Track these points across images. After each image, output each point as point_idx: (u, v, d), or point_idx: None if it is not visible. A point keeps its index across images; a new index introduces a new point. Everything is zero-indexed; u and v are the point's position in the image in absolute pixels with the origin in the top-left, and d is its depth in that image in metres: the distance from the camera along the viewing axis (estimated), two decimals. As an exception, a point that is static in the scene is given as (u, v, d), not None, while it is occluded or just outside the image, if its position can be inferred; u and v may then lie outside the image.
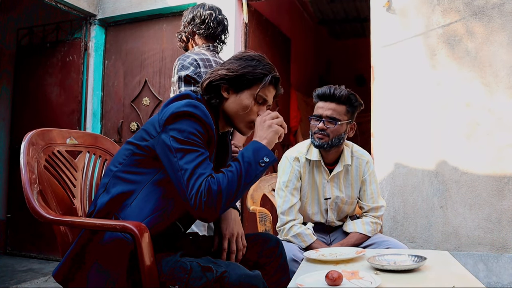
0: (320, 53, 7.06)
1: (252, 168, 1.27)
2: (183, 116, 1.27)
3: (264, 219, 2.13)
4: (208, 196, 1.20)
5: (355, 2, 5.90)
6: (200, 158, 1.25)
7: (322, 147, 1.91)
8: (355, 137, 2.13)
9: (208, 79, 1.40)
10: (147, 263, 1.18)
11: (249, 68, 1.38)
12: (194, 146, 1.26)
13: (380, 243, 1.92)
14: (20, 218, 4.06)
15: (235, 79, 1.38)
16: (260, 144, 1.31)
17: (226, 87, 1.40)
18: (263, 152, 1.30)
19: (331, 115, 1.89)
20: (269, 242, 1.53)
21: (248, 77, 1.38)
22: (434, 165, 2.93)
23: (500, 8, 2.84)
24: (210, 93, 1.41)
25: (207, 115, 1.30)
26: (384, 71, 3.10)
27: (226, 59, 1.48)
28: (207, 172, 1.23)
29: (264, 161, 1.28)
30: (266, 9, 4.24)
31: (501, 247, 2.76)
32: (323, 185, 1.99)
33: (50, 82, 4.10)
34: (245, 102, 1.39)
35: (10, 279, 3.35)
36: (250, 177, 1.26)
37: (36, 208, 1.27)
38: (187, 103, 1.29)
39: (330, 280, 1.21)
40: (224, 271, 1.22)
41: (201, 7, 2.29)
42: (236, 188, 1.24)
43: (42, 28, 4.21)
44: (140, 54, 3.90)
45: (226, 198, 1.23)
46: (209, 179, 1.22)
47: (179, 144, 1.25)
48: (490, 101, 2.84)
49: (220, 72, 1.39)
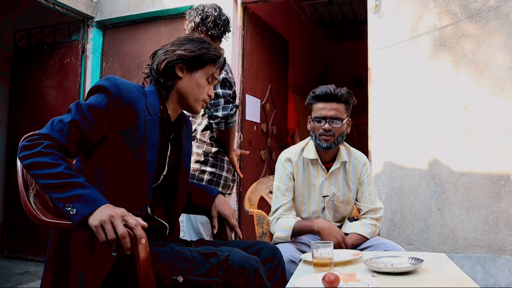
0: (317, 55, 7.07)
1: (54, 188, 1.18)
2: (93, 92, 1.36)
3: (262, 221, 2.13)
4: (19, 151, 1.23)
5: (352, 4, 5.92)
6: (65, 119, 1.27)
7: (331, 148, 1.93)
8: (352, 140, 2.14)
9: (164, 60, 1.42)
10: (143, 255, 1.19)
11: (204, 49, 1.45)
12: (75, 109, 1.29)
13: (378, 245, 1.92)
14: (16, 221, 4.05)
15: (192, 59, 1.44)
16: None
17: (180, 66, 1.44)
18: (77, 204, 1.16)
19: (335, 115, 1.90)
20: (267, 252, 1.52)
21: (204, 58, 1.45)
22: (431, 167, 2.93)
23: (496, 11, 2.86)
24: (165, 74, 1.44)
25: (116, 87, 1.32)
26: (381, 73, 3.11)
27: (170, 42, 1.50)
28: (45, 132, 1.25)
29: (66, 208, 1.15)
30: (264, 11, 4.24)
31: (498, 249, 2.76)
32: (321, 183, 2.00)
33: (47, 84, 4.10)
34: (200, 81, 1.47)
35: (6, 282, 3.34)
36: (45, 179, 1.18)
37: (33, 211, 1.27)
38: (102, 78, 1.38)
39: (327, 282, 1.21)
40: (228, 255, 1.25)
41: (208, 8, 2.23)
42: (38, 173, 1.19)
43: (40, 30, 4.21)
44: (137, 57, 3.90)
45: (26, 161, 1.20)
46: (37, 137, 1.23)
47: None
48: (487, 103, 2.85)
49: (177, 52, 1.42)
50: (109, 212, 1.15)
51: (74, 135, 1.26)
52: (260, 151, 4.00)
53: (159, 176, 1.46)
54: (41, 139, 1.23)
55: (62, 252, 1.31)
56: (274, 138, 4.29)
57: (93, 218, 1.14)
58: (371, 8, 3.14)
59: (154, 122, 1.38)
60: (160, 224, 1.47)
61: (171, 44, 1.47)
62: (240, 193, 3.57)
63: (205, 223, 2.13)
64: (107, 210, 1.15)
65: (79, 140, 1.28)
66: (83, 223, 1.15)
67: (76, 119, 1.27)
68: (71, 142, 1.26)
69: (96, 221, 1.13)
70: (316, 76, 7.01)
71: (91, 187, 1.20)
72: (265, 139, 4.12)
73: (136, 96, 1.37)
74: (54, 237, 1.34)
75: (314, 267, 1.45)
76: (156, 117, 1.39)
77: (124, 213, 1.17)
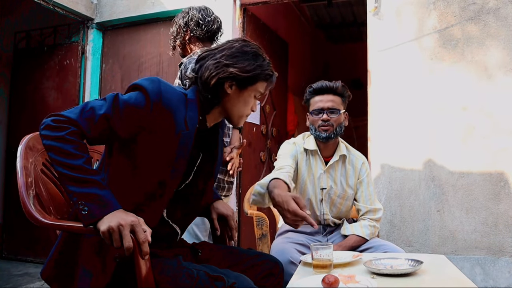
0: (317, 57, 7.08)
1: (72, 178, 1.15)
2: (134, 88, 1.30)
3: (261, 223, 2.13)
4: (43, 127, 1.21)
5: (352, 6, 5.93)
6: (98, 110, 1.22)
7: (330, 138, 1.97)
8: (352, 141, 2.15)
9: (216, 75, 1.33)
10: (144, 271, 1.17)
11: (259, 69, 1.37)
12: (111, 101, 1.23)
13: (378, 247, 1.91)
14: (16, 222, 4.04)
15: (245, 78, 1.36)
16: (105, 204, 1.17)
17: (230, 83, 1.36)
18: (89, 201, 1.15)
19: (332, 106, 1.98)
20: (269, 265, 1.50)
21: (257, 77, 1.38)
22: (431, 169, 2.93)
23: (495, 13, 2.86)
24: (212, 89, 1.36)
25: (158, 93, 1.25)
26: (381, 75, 3.11)
27: (219, 49, 1.39)
28: (74, 117, 1.20)
29: (79, 205, 1.14)
30: (263, 13, 4.25)
31: (498, 250, 2.76)
32: (319, 175, 2.01)
33: (47, 85, 4.10)
34: (248, 99, 1.40)
35: (6, 283, 3.33)
36: (64, 168, 1.16)
37: (32, 212, 1.26)
38: (147, 78, 1.30)
39: (327, 284, 1.21)
40: (234, 282, 1.22)
41: (192, 10, 2.25)
42: (57, 156, 1.16)
43: (40, 31, 4.21)
44: (137, 58, 3.90)
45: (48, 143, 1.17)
46: (65, 120, 1.20)
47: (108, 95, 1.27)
48: (486, 105, 2.86)
49: (230, 70, 1.33)
50: (119, 219, 1.12)
51: (102, 128, 1.22)
52: (259, 153, 4.01)
53: (182, 183, 1.39)
54: (67, 124, 1.19)
55: (70, 252, 1.29)
56: (273, 139, 4.29)
57: (103, 222, 1.12)
58: (370, 10, 3.15)
59: (189, 136, 1.30)
60: (173, 229, 1.43)
61: (221, 53, 1.36)
62: (239, 194, 3.57)
63: (200, 224, 2.10)
64: (117, 217, 1.13)
65: (106, 134, 1.24)
66: (92, 224, 1.14)
67: (109, 113, 1.22)
68: (96, 133, 1.22)
69: (104, 226, 1.11)
70: (316, 77, 7.01)
71: (107, 188, 1.17)
72: (265, 140, 4.13)
73: (176, 106, 1.28)
74: (62, 236, 1.32)
75: (313, 269, 1.45)
76: (192, 131, 1.31)
77: (134, 222, 1.13)
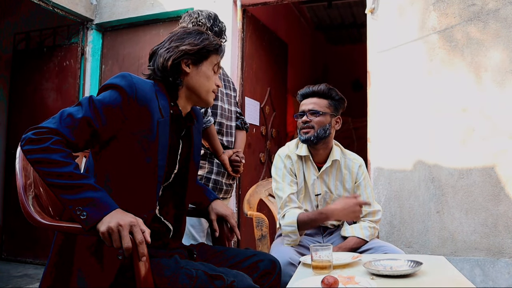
0: (316, 58, 7.09)
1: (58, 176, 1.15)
2: (106, 88, 1.31)
3: (261, 224, 2.13)
4: (23, 142, 1.18)
5: (352, 8, 5.94)
6: (76, 115, 1.21)
7: (309, 139, 1.95)
8: (352, 142, 2.15)
9: (170, 57, 1.39)
10: (143, 272, 1.18)
11: (206, 40, 1.44)
12: (87, 104, 1.24)
13: (377, 248, 1.91)
14: (15, 224, 4.04)
15: (197, 52, 1.42)
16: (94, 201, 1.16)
17: (186, 62, 1.41)
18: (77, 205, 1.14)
19: (313, 108, 1.97)
20: (266, 264, 1.50)
21: (208, 49, 1.44)
22: (430, 170, 2.93)
23: (495, 14, 2.86)
24: (171, 72, 1.40)
25: (132, 86, 1.28)
26: (380, 76, 3.11)
27: (166, 39, 1.47)
28: (54, 127, 1.19)
29: (76, 211, 1.13)
30: (263, 14, 4.25)
31: (498, 252, 2.76)
32: (313, 181, 2.01)
33: (46, 86, 4.10)
34: (207, 73, 1.45)
35: (5, 284, 3.33)
36: (54, 178, 1.14)
37: (31, 213, 1.26)
38: (117, 75, 1.31)
39: (326, 285, 1.21)
40: (233, 280, 1.22)
41: (204, 17, 2.19)
42: (46, 169, 1.15)
43: (39, 32, 4.21)
44: (137, 59, 3.90)
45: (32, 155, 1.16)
46: (45, 131, 1.18)
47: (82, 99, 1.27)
48: (486, 107, 2.86)
49: (181, 48, 1.40)
50: (118, 220, 1.12)
51: (84, 132, 1.22)
52: (259, 154, 4.01)
53: (170, 174, 1.43)
54: (49, 134, 1.17)
55: (66, 254, 1.29)
56: (273, 141, 4.29)
57: (102, 223, 1.12)
58: (367, 11, 3.14)
59: (166, 124, 1.35)
60: (166, 226, 1.44)
61: (169, 41, 1.43)
62: (239, 196, 3.57)
63: (197, 226, 2.10)
64: (116, 217, 1.13)
65: (89, 137, 1.24)
66: (92, 227, 1.13)
67: (88, 116, 1.22)
68: (79, 139, 1.22)
69: (104, 227, 1.11)
70: (315, 78, 7.02)
71: (101, 190, 1.17)
72: (264, 141, 4.13)
73: (150, 96, 1.32)
74: (58, 238, 1.32)
75: (313, 270, 1.45)
76: (167, 118, 1.36)
77: (133, 223, 1.14)
